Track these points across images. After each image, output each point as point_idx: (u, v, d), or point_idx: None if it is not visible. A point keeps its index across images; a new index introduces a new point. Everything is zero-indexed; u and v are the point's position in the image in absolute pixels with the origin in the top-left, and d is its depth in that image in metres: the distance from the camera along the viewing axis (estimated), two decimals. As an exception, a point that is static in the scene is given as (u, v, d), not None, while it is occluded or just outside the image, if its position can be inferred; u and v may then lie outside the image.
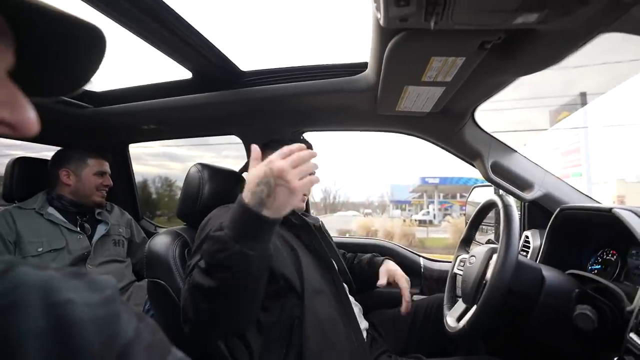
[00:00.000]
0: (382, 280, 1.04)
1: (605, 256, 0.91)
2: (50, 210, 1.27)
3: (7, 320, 0.20)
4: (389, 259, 1.13)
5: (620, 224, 0.71)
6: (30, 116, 0.27)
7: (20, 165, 1.38)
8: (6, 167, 1.38)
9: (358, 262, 1.17)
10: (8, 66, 0.26)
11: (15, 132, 0.26)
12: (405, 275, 1.08)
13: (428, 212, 23.30)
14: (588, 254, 0.96)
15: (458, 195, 22.76)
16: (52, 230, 1.23)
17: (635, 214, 0.71)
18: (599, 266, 0.92)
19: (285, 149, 0.62)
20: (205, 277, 0.60)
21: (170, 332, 0.30)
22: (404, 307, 1.01)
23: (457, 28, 0.57)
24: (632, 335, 0.55)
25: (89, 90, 1.27)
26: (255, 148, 0.67)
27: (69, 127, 1.45)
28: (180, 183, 1.09)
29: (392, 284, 1.06)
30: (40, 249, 1.17)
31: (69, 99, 1.24)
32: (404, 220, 16.04)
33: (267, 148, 1.05)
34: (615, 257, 0.87)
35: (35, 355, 0.20)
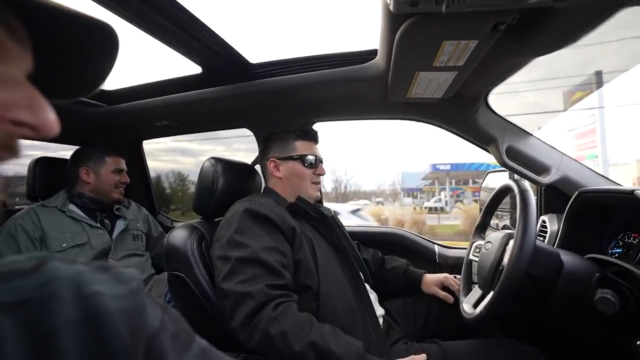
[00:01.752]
0: (449, 300, 1.06)
1: (626, 239, 0.89)
2: (72, 207, 1.32)
3: (44, 312, 0.21)
4: (425, 273, 1.14)
5: None
6: (51, 118, 0.27)
7: (42, 165, 1.43)
8: (28, 167, 1.43)
9: (392, 269, 1.17)
10: (27, 69, 0.27)
11: (37, 134, 0.27)
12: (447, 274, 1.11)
13: (440, 199, 23.06)
14: (608, 237, 0.94)
15: (470, 181, 22.40)
16: (74, 226, 1.28)
17: (659, 195, 0.69)
18: (620, 250, 0.89)
19: None
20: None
21: (191, 322, 0.31)
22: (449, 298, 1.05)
23: (470, 10, 0.56)
24: (656, 318, 0.54)
25: (103, 89, 1.30)
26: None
27: (85, 126, 1.49)
28: (192, 177, 1.11)
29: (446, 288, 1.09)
30: (64, 245, 1.22)
31: (84, 99, 1.26)
32: (414, 208, 15.99)
33: (274, 138, 1.07)
34: (637, 240, 0.85)
35: (71, 345, 0.21)
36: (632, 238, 0.87)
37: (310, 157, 1.03)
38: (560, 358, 0.88)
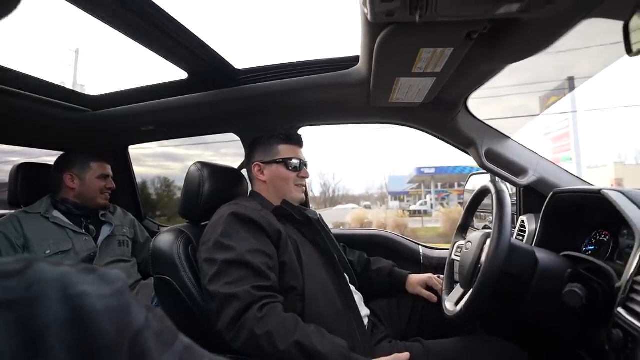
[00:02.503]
0: (432, 299, 1.08)
1: (598, 237, 0.93)
2: (56, 213, 1.30)
3: (31, 312, 0.21)
4: (410, 274, 1.17)
5: (611, 205, 0.73)
6: None
7: (24, 171, 1.40)
8: (10, 173, 1.40)
9: (377, 270, 1.19)
10: None
11: None
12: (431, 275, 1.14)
13: (425, 202, 23.29)
14: (582, 235, 0.98)
15: (456, 184, 22.71)
16: (59, 232, 1.26)
17: (624, 194, 0.73)
18: (593, 247, 0.94)
19: None
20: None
21: (178, 324, 0.32)
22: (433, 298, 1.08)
23: (443, 20, 0.59)
24: (620, 309, 0.57)
25: (88, 94, 1.29)
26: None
27: (70, 132, 1.47)
28: (178, 183, 1.11)
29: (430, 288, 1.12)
30: (48, 252, 1.20)
31: (69, 104, 1.25)
32: (398, 212, 16.18)
33: (258, 142, 1.08)
34: (607, 237, 0.89)
35: (58, 343, 0.22)
36: (603, 235, 0.91)
37: (294, 161, 1.05)
38: (541, 355, 0.91)
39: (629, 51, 0.55)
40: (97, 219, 1.40)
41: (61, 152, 1.44)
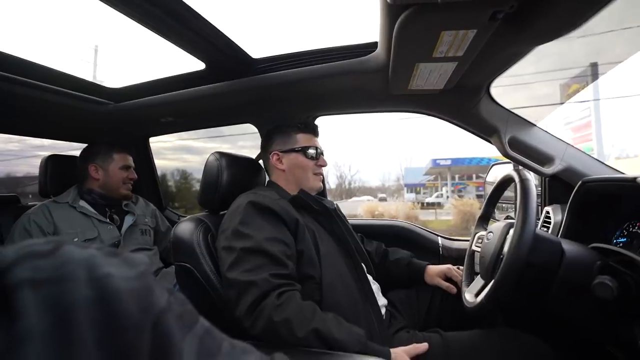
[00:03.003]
0: (451, 291, 1.06)
1: (631, 229, 0.88)
2: (82, 203, 1.35)
3: (62, 290, 0.23)
4: (428, 265, 1.15)
5: None
6: None
7: (52, 162, 1.47)
8: (40, 165, 1.47)
9: (395, 261, 1.18)
10: None
11: None
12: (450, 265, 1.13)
13: (441, 195, 22.84)
14: (613, 227, 0.93)
15: (474, 175, 22.12)
16: (85, 221, 1.32)
17: (661, 182, 0.69)
18: (625, 239, 0.89)
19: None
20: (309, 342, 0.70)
21: (198, 310, 0.32)
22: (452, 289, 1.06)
23: (466, 0, 0.56)
24: (654, 303, 0.54)
25: (109, 87, 1.32)
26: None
27: (93, 124, 1.52)
28: (196, 175, 1.13)
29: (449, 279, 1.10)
30: (75, 239, 1.26)
31: (92, 97, 1.29)
32: (410, 204, 15.96)
33: (276, 132, 1.08)
34: (641, 228, 0.85)
35: (86, 321, 0.23)
36: (637, 227, 0.87)
37: (312, 149, 1.05)
38: (564, 348, 0.88)
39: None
40: (120, 209, 1.45)
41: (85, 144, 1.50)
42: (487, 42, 0.74)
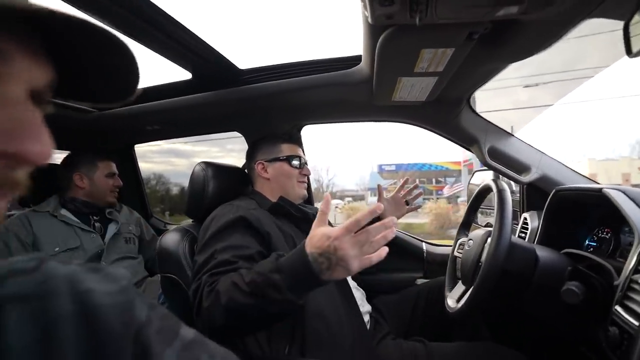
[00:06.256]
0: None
1: (600, 234, 0.94)
2: (64, 212, 1.33)
3: (44, 305, 0.24)
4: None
5: (611, 202, 0.74)
6: (37, 149, 0.24)
7: (32, 171, 1.43)
8: None
9: None
10: (33, 85, 0.25)
11: (16, 164, 0.24)
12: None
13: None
14: (584, 233, 0.98)
15: (434, 180, 22.47)
16: (67, 230, 1.29)
17: (624, 193, 0.73)
18: (595, 244, 0.94)
19: (353, 222, 0.63)
20: (247, 299, 0.67)
21: (184, 320, 0.33)
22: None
23: (443, 22, 0.59)
24: (617, 307, 0.58)
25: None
26: (327, 199, 0.70)
27: (76, 132, 1.50)
28: (177, 180, 1.12)
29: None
30: (57, 249, 1.23)
31: (75, 104, 1.27)
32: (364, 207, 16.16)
33: (261, 142, 1.10)
34: (609, 234, 0.90)
35: (68, 334, 0.24)
36: (604, 233, 0.92)
37: (296, 159, 1.08)
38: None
39: (629, 52, 0.55)
40: (104, 217, 1.43)
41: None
42: (466, 59, 0.78)
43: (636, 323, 0.52)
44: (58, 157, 1.48)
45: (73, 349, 0.24)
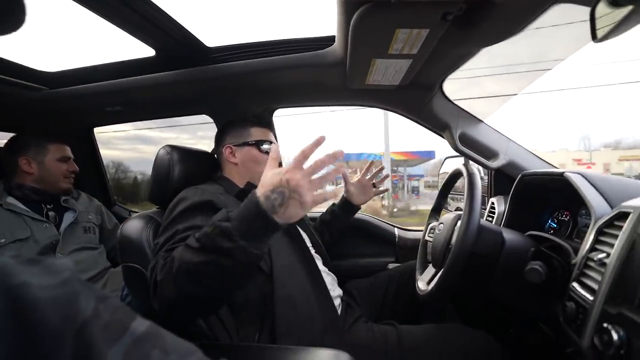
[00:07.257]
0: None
1: (560, 217, 0.99)
2: (10, 199, 1.21)
3: None
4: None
5: (572, 186, 0.77)
6: None
7: None
8: None
9: (321, 222, 1.27)
10: None
11: None
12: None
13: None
14: (546, 216, 1.03)
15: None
16: (15, 220, 1.18)
17: (584, 176, 0.77)
18: (556, 226, 0.99)
19: (301, 154, 0.61)
20: (199, 256, 0.61)
21: (148, 314, 0.30)
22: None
23: (418, 0, 0.58)
24: (574, 284, 0.61)
25: (41, 71, 1.18)
26: (275, 148, 0.67)
27: (22, 111, 1.36)
28: (134, 168, 1.06)
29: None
30: (2, 240, 1.13)
31: (19, 81, 1.15)
32: None
33: (229, 126, 1.05)
34: (568, 217, 0.95)
35: None
36: (564, 215, 0.97)
37: (266, 144, 1.04)
38: (511, 342, 0.96)
39: (594, 37, 0.56)
40: (59, 205, 1.32)
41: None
42: (439, 42, 0.78)
43: (590, 297, 0.55)
44: (4, 140, 1.34)
45: (3, 348, 0.21)
